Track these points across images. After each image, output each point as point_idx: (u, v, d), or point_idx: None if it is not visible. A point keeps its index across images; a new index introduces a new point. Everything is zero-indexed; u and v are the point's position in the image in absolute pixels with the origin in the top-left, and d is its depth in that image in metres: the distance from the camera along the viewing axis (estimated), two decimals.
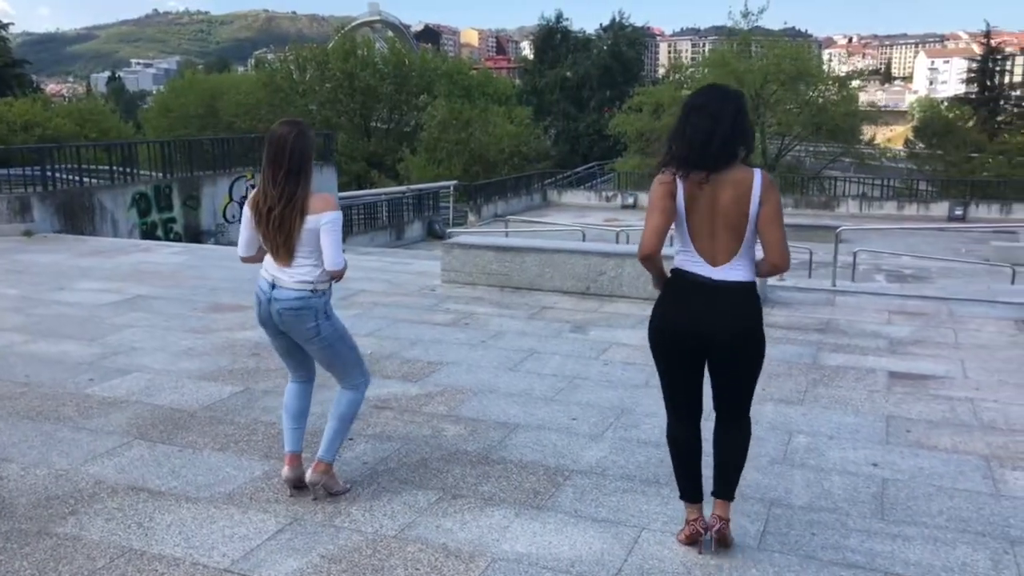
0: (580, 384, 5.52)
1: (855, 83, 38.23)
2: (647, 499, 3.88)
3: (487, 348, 6.36)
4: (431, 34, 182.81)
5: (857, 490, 3.98)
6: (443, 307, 7.73)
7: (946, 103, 56.32)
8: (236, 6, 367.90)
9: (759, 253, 3.17)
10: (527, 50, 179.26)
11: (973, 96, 54.46)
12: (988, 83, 60.06)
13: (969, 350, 6.29)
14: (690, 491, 3.37)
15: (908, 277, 16.82)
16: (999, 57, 60.38)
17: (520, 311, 7.53)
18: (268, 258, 3.67)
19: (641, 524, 3.65)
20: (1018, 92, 57.96)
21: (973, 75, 58.82)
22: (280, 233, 3.50)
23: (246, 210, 3.63)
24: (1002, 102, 54.98)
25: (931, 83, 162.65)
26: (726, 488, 3.30)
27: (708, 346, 3.14)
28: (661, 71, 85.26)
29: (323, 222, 3.51)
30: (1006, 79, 59.56)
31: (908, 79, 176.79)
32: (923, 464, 4.27)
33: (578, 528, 3.61)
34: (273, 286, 3.62)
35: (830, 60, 38.52)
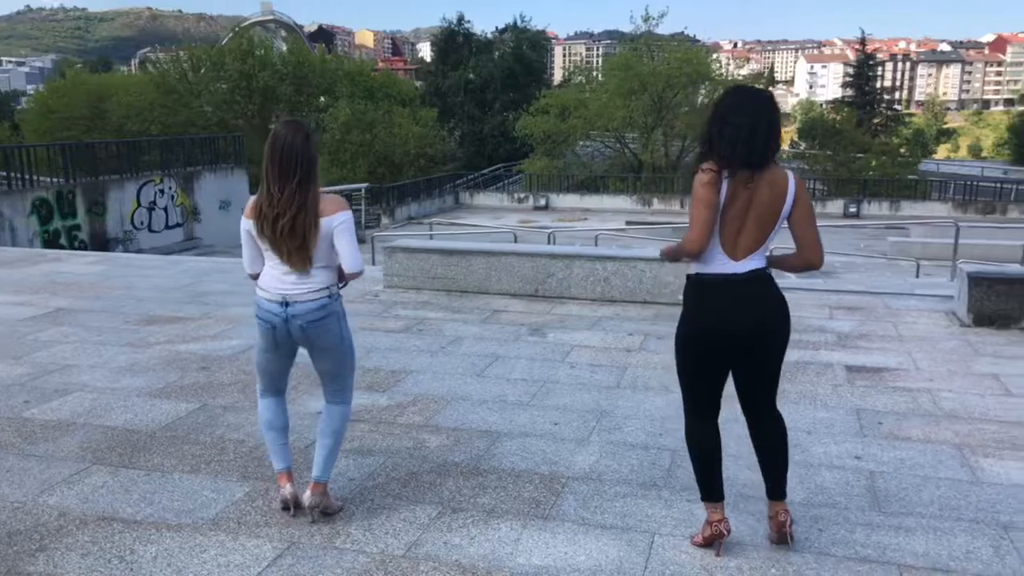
0: (552, 388, 5.45)
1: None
2: (649, 503, 3.85)
3: (448, 355, 6.22)
4: (325, 34, 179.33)
5: (849, 484, 4.06)
6: (392, 313, 7.53)
7: (828, 106, 59.13)
8: (116, 3, 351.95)
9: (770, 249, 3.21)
10: (423, 52, 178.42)
11: (850, 99, 57.35)
12: (865, 87, 63.54)
13: (913, 342, 6.55)
14: (714, 490, 3.35)
15: (815, 273, 17.45)
16: (872, 63, 64.04)
17: (472, 315, 7.41)
18: (268, 275, 3.46)
19: (651, 529, 3.61)
20: (888, 96, 61.61)
21: (850, 79, 62.11)
22: (293, 239, 3.31)
23: (247, 223, 3.41)
24: (876, 105, 58.22)
25: (811, 87, 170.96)
26: (781, 485, 3.36)
27: (747, 338, 3.15)
28: (558, 74, 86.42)
29: (336, 224, 3.36)
30: (878, 84, 63.25)
31: (790, 83, 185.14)
32: (902, 455, 4.40)
33: (589, 537, 3.54)
34: (286, 304, 3.41)
35: (728, 64, 39.84)
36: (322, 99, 44.17)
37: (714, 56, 40.61)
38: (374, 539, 3.51)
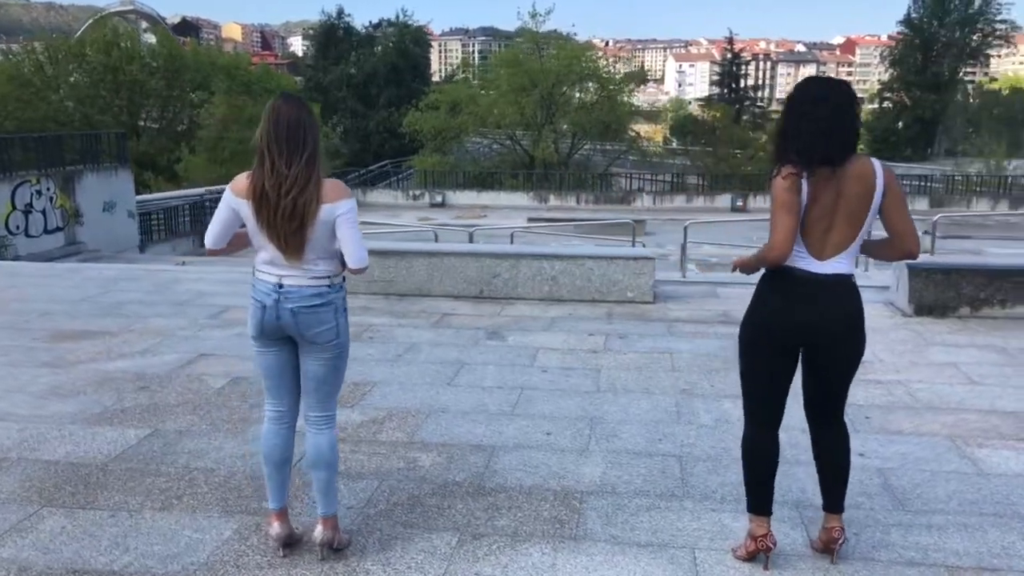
0: (532, 395, 5.20)
1: (631, 84, 40.34)
2: (676, 515, 3.67)
3: (409, 363, 5.86)
4: (190, 27, 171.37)
5: (864, 483, 4.00)
6: None
7: (700, 104, 61.40)
8: None
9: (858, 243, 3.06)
10: (295, 46, 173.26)
11: (718, 97, 59.75)
12: (733, 85, 66.33)
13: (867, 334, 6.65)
14: (764, 503, 3.20)
15: (716, 265, 17.91)
16: (739, 62, 66.98)
17: (420, 319, 7.06)
18: (265, 258, 3.08)
19: (688, 544, 3.43)
20: (753, 94, 64.78)
21: (719, 78, 64.75)
22: (292, 222, 2.94)
23: (233, 198, 3.02)
24: (743, 103, 60.96)
25: (680, 85, 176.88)
26: (839, 499, 3.22)
27: (816, 341, 3.01)
28: (435, 69, 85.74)
29: (339, 212, 3.00)
30: (744, 82, 66.30)
31: (660, 81, 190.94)
32: (902, 450, 4.40)
33: (628, 557, 3.32)
34: (280, 285, 3.04)
35: (615, 62, 40.55)
36: (194, 95, 42.17)
37: (600, 54, 41.19)
38: (398, 575, 3.18)
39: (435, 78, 62.85)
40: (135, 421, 4.74)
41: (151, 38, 51.38)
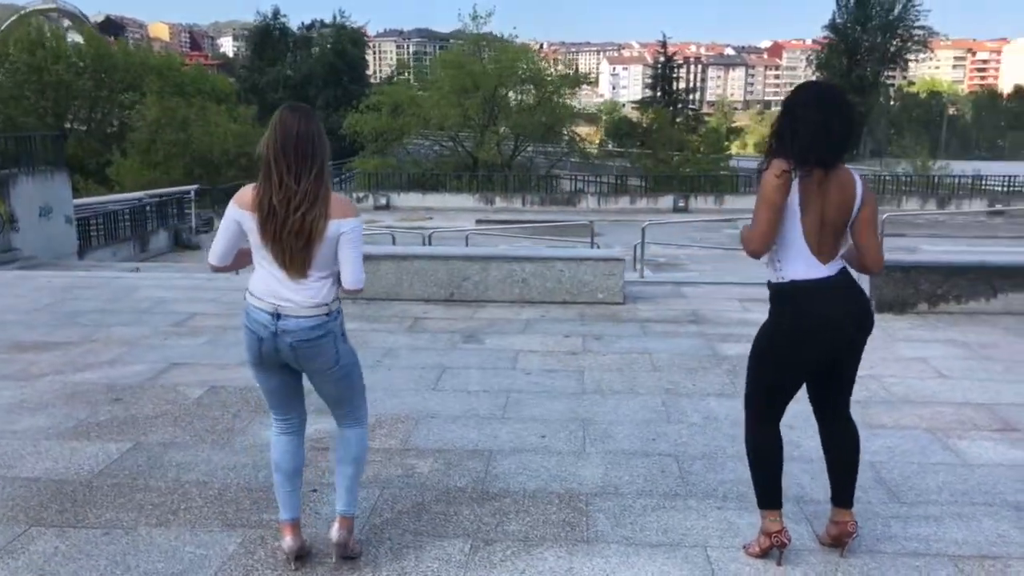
0: (519, 398, 5.19)
1: (571, 87, 40.53)
2: (682, 515, 3.71)
3: (391, 369, 5.79)
4: (114, 26, 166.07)
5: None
6: None
7: (635, 106, 62.23)
8: None
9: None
10: (225, 47, 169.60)
11: (652, 100, 60.64)
12: (667, 88, 67.43)
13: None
14: (775, 498, 3.25)
15: (664, 265, 18.15)
16: (672, 65, 68.17)
17: (393, 324, 6.98)
18: (260, 281, 2.99)
19: (700, 543, 3.46)
20: (686, 97, 66.06)
21: (652, 81, 65.78)
22: (299, 238, 2.87)
23: (237, 210, 2.94)
24: (677, 105, 62.10)
25: (614, 88, 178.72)
26: (851, 493, 3.28)
27: (843, 339, 3.07)
28: (371, 71, 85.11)
29: (344, 230, 2.93)
30: (675, 86, 67.56)
31: (594, 84, 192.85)
32: (887, 443, 4.52)
33: (642, 557, 3.34)
34: (278, 316, 2.96)
35: (554, 64, 40.75)
36: (124, 96, 40.94)
37: (542, 57, 41.35)
38: None
39: (371, 80, 62.34)
40: (114, 434, 4.57)
41: (76, 37, 49.68)
